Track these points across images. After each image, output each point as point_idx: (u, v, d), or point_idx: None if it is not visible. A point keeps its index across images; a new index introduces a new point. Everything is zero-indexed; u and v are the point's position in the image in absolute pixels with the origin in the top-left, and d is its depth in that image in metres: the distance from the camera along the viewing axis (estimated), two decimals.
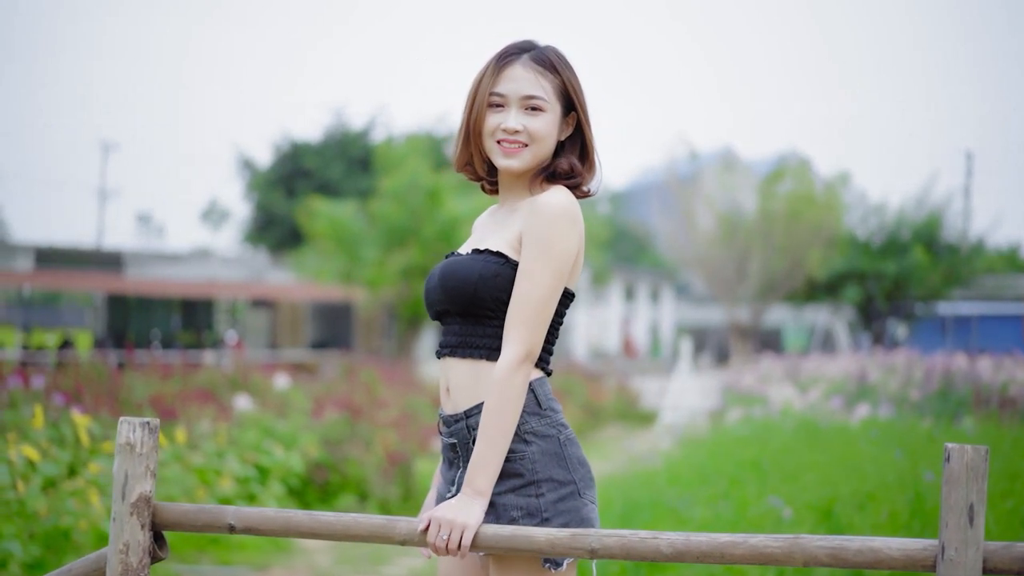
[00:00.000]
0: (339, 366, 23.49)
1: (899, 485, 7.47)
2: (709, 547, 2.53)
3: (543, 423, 2.94)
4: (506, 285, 2.95)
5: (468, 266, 2.99)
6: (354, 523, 2.77)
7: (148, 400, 10.74)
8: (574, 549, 2.66)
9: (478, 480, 2.81)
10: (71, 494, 6.98)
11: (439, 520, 2.77)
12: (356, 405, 12.67)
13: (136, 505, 2.79)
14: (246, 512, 2.81)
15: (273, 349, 36.82)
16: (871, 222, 37.10)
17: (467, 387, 2.98)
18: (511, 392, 2.84)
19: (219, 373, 15.02)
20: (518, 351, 2.86)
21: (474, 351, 2.98)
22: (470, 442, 2.97)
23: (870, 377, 18.79)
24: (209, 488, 8.59)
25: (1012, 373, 17.90)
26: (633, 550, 2.59)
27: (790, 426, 13.11)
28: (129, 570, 2.74)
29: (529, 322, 2.88)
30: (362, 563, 8.34)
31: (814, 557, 2.46)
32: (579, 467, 2.96)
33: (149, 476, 2.80)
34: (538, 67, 3.02)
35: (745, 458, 9.80)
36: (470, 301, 2.96)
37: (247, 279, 38.33)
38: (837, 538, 2.48)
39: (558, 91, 3.03)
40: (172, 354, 26.27)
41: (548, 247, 2.90)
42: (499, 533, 2.73)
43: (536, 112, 3.01)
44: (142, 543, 2.78)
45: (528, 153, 3.02)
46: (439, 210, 26.93)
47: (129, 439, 2.81)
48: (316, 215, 28.23)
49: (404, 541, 2.80)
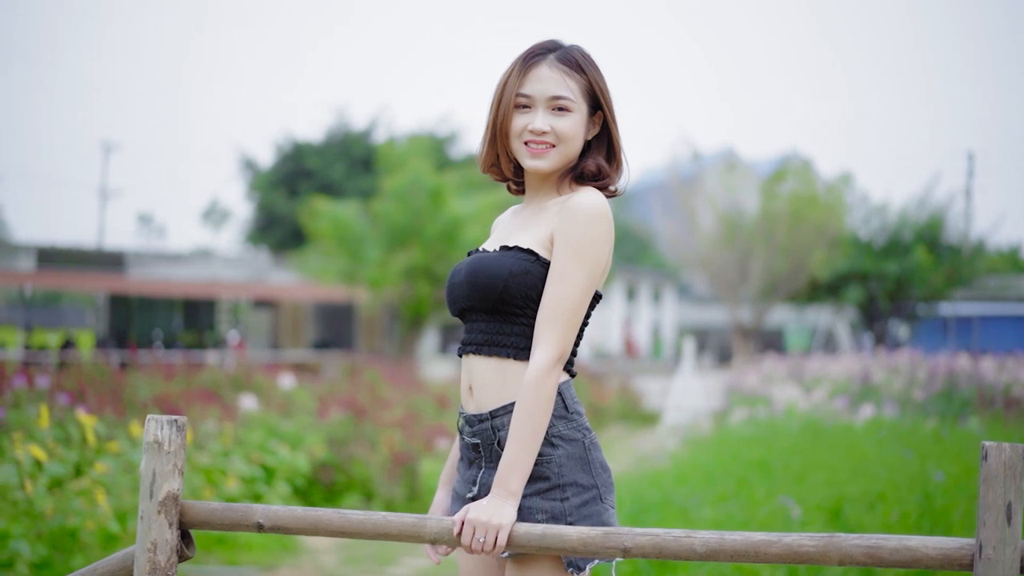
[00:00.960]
0: (341, 366, 23.48)
1: (908, 485, 7.45)
2: (744, 546, 2.51)
3: (569, 426, 2.93)
4: (535, 283, 2.93)
5: (498, 262, 2.96)
6: (384, 522, 2.74)
7: (152, 400, 10.73)
8: (607, 548, 2.64)
9: (511, 482, 2.78)
10: (78, 494, 6.96)
11: (472, 521, 2.75)
12: (360, 405, 12.66)
13: (164, 503, 2.76)
14: (275, 511, 2.78)
15: (275, 349, 36.82)
16: (873, 222, 37.08)
17: (493, 386, 2.96)
18: (545, 394, 2.81)
19: (222, 373, 15.01)
20: (552, 353, 2.84)
21: (501, 350, 2.95)
22: (495, 443, 2.95)
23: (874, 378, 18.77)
24: (215, 488, 8.56)
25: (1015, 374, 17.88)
26: (666, 549, 2.56)
27: (795, 426, 13.10)
28: (157, 569, 2.71)
29: (563, 324, 2.86)
30: (368, 563, 8.31)
31: (850, 556, 2.44)
32: (601, 472, 2.95)
33: (177, 474, 2.78)
34: (564, 67, 3.00)
35: (752, 458, 9.79)
36: (499, 298, 2.93)
37: (249, 279, 38.32)
38: (873, 537, 2.46)
39: (584, 91, 3.01)
40: (174, 354, 26.27)
41: (583, 249, 2.88)
42: (531, 532, 2.70)
43: (563, 112, 2.99)
44: (170, 542, 2.76)
45: (555, 154, 3.01)
46: (441, 210, 26.92)
47: (157, 437, 2.78)
48: (319, 215, 28.22)
49: (434, 540, 2.78)
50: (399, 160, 28.42)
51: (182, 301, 37.39)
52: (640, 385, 27.42)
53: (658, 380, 33.07)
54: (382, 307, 31.98)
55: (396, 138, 35.77)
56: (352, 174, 40.43)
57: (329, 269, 28.60)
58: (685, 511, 7.45)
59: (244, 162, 43.27)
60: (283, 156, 42.21)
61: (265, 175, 42.27)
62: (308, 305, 39.59)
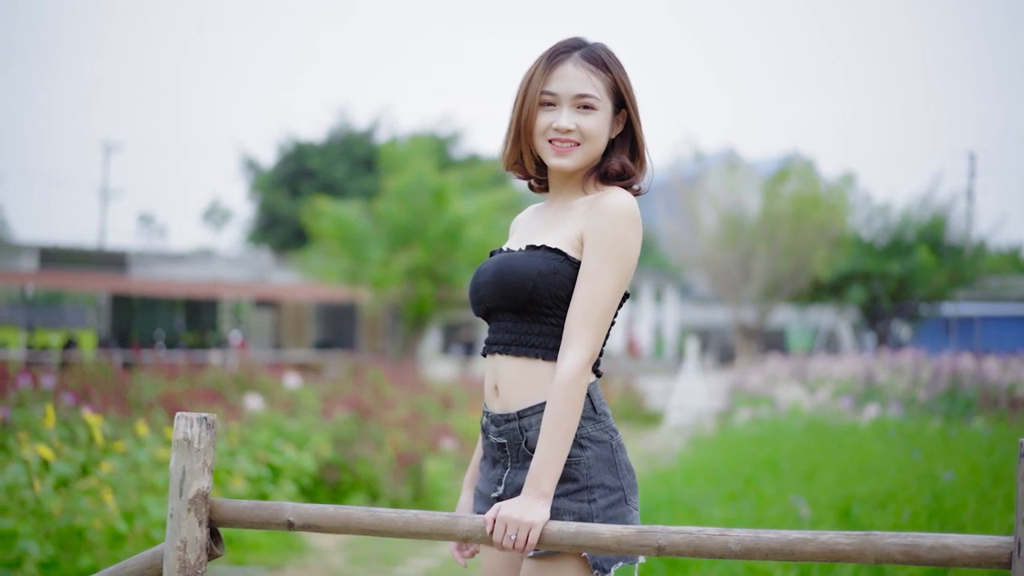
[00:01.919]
0: (344, 366, 23.47)
1: (917, 485, 7.44)
2: (779, 544, 2.49)
3: (598, 428, 2.92)
4: (564, 283, 2.91)
5: (526, 262, 2.94)
6: (415, 520, 2.73)
7: (157, 400, 10.72)
8: (641, 546, 2.62)
9: (543, 482, 2.77)
10: (85, 493, 6.95)
11: (504, 519, 2.73)
12: (365, 405, 12.64)
13: (194, 501, 2.74)
14: (305, 508, 2.76)
15: (277, 349, 36.82)
16: (876, 223, 37.07)
17: (520, 386, 2.94)
18: (578, 395, 2.80)
19: (225, 373, 15.00)
20: (585, 354, 2.83)
21: (529, 350, 2.93)
22: (522, 443, 2.94)
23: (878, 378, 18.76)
24: (221, 487, 8.55)
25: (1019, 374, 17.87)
26: (701, 547, 2.54)
27: (799, 426, 13.08)
28: (187, 567, 2.70)
29: (594, 324, 2.85)
30: (375, 563, 8.30)
31: (887, 554, 2.42)
32: (627, 473, 2.95)
33: (207, 472, 2.75)
34: (590, 65, 2.99)
35: (759, 458, 9.77)
36: (528, 298, 2.91)
37: (251, 279, 38.32)
38: (910, 535, 2.43)
39: (609, 89, 3.00)
40: (176, 354, 26.26)
41: (615, 250, 2.87)
42: (564, 531, 2.69)
43: (588, 111, 2.98)
44: (200, 540, 2.74)
45: (580, 152, 3.00)
46: (444, 210, 26.92)
47: (187, 434, 2.75)
48: (321, 215, 28.21)
49: (466, 538, 2.76)
50: (401, 160, 28.41)
51: (184, 301, 37.39)
52: (643, 385, 27.41)
53: (660, 380, 33.08)
54: (384, 307, 31.98)
55: (398, 138, 35.77)
56: (354, 174, 40.44)
57: (332, 269, 28.59)
58: (694, 510, 7.43)
59: (246, 162, 43.29)
60: (285, 156, 42.23)
61: (267, 175, 42.29)
62: (310, 305, 39.59)
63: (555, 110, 3.00)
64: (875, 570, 5.54)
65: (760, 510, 6.92)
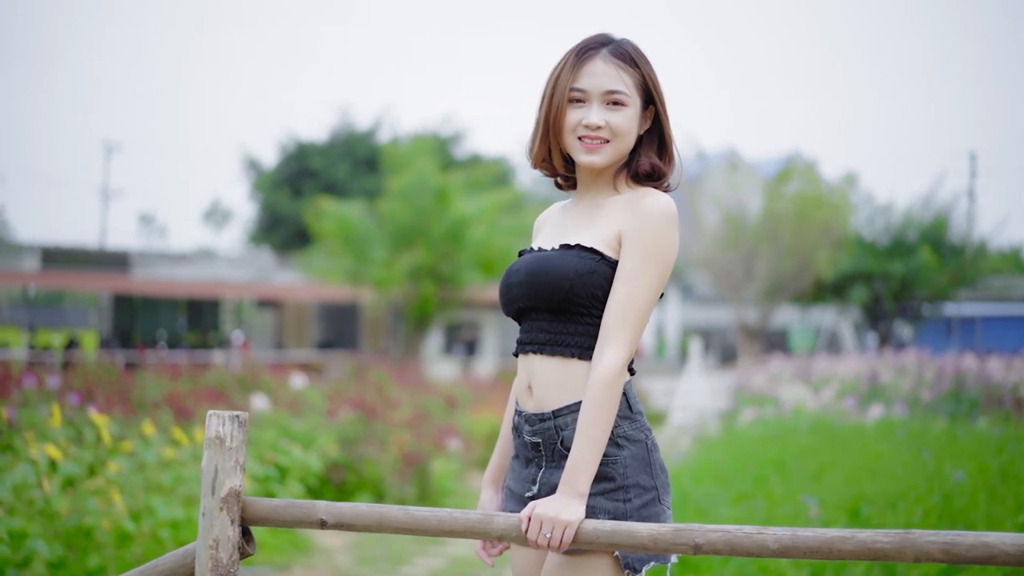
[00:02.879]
0: (346, 366, 23.45)
1: (926, 485, 7.42)
2: (817, 542, 2.47)
3: (634, 427, 2.92)
4: (601, 282, 2.91)
5: (562, 261, 2.93)
6: (450, 518, 2.71)
7: (162, 400, 10.70)
8: (678, 544, 2.61)
9: (579, 482, 2.76)
10: (93, 493, 6.93)
11: (540, 516, 2.72)
12: (370, 405, 12.63)
13: (226, 500, 2.73)
14: (338, 507, 2.75)
15: (279, 349, 36.79)
16: (878, 223, 37.08)
17: (555, 386, 2.94)
18: (615, 395, 2.80)
19: (228, 373, 14.97)
20: (623, 354, 2.82)
21: (565, 349, 2.93)
22: (557, 442, 2.93)
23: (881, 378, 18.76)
24: None
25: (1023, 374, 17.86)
26: (739, 545, 2.53)
27: (805, 427, 13.06)
28: (219, 566, 2.68)
29: (632, 324, 2.85)
30: (382, 563, 8.29)
31: (926, 553, 2.41)
32: (660, 473, 2.95)
33: (239, 470, 2.74)
34: (619, 61, 2.98)
35: (766, 458, 9.76)
36: (564, 298, 2.91)
37: (253, 279, 38.31)
38: (950, 533, 2.42)
39: (638, 85, 2.99)
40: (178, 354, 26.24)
41: (655, 251, 2.88)
42: (600, 529, 2.68)
43: (618, 107, 2.97)
44: (232, 539, 2.72)
45: (610, 149, 2.99)
46: (447, 210, 26.91)
47: (219, 432, 2.74)
48: (324, 215, 28.20)
49: (501, 536, 2.75)
50: (404, 160, 28.41)
51: (186, 301, 37.38)
52: (645, 385, 27.40)
53: (663, 380, 33.06)
54: (386, 307, 31.97)
55: (400, 138, 35.76)
56: (356, 174, 40.44)
57: (334, 269, 28.58)
58: (703, 510, 7.42)
59: (247, 162, 43.29)
60: (287, 156, 42.22)
61: (269, 175, 42.28)
62: (312, 305, 39.58)
63: (584, 107, 2.99)
64: (886, 570, 5.52)
65: (770, 510, 6.91)
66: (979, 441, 9.71)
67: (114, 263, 36.48)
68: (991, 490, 7.14)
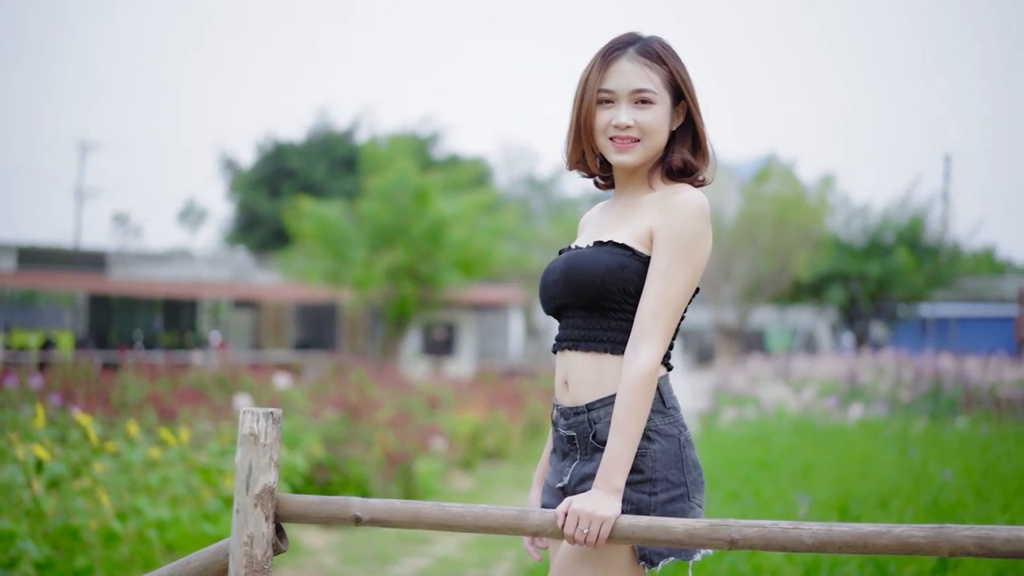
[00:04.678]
0: (325, 367, 23.39)
1: (913, 484, 7.47)
2: (852, 537, 2.48)
3: (666, 421, 2.94)
4: (632, 277, 2.93)
5: (594, 258, 2.97)
6: (485, 514, 2.71)
7: (143, 400, 10.65)
8: (714, 540, 2.61)
9: (615, 478, 2.78)
10: (79, 494, 6.90)
11: (577, 512, 2.73)
12: (353, 405, 12.60)
13: (260, 497, 2.72)
14: (373, 504, 2.74)
15: (256, 350, 36.69)
16: (855, 224, 37.28)
17: (589, 381, 2.97)
18: (649, 392, 2.82)
19: (207, 374, 14.91)
20: (658, 351, 2.86)
21: (598, 344, 2.96)
22: (591, 435, 2.96)
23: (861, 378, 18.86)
24: (214, 488, 8.50)
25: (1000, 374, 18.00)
26: (774, 540, 2.53)
27: (787, 426, 13.12)
28: (254, 562, 2.68)
29: (666, 321, 2.88)
30: (369, 563, 8.28)
31: (961, 547, 2.42)
32: (692, 470, 2.96)
33: (273, 467, 2.74)
34: (645, 59, 2.99)
35: (751, 458, 9.79)
36: (597, 293, 2.94)
37: (231, 279, 38.19)
38: (983, 528, 2.43)
39: (666, 82, 3.01)
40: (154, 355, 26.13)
41: (687, 248, 2.90)
42: (636, 524, 2.68)
43: (646, 105, 2.99)
44: (266, 535, 2.72)
45: (641, 147, 3.01)
46: (426, 210, 26.91)
47: (253, 429, 2.74)
48: (303, 215, 28.15)
49: (536, 532, 2.75)
50: (383, 160, 28.41)
51: (163, 301, 37.23)
52: None
53: None
54: (365, 308, 31.94)
55: (378, 138, 35.71)
56: (334, 174, 40.38)
57: (313, 269, 28.54)
58: None
59: (225, 162, 43.15)
60: (264, 156, 42.12)
61: (246, 175, 42.17)
62: (290, 305, 39.49)
63: (614, 107, 3.01)
64: (878, 568, 5.55)
65: (760, 510, 6.93)
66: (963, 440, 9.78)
67: (91, 263, 36.32)
68: (977, 488, 7.20)
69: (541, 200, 48.55)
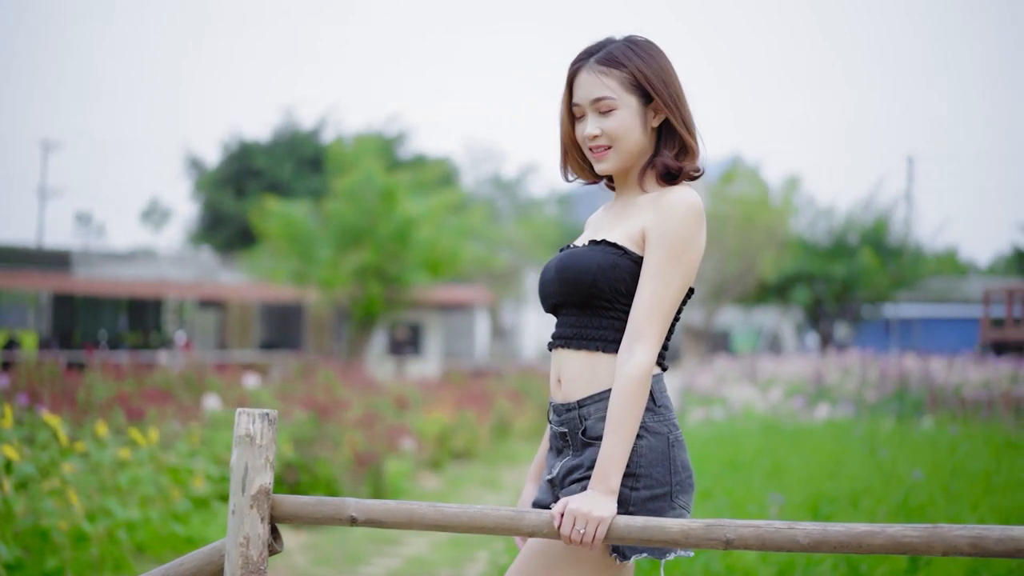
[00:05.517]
0: (291, 367, 23.30)
1: (883, 483, 7.51)
2: (847, 537, 2.49)
3: (656, 420, 2.96)
4: (624, 276, 2.97)
5: (586, 256, 3.01)
6: (480, 515, 2.71)
7: (111, 400, 10.57)
8: (708, 540, 2.62)
9: (610, 478, 2.81)
10: (49, 494, 6.85)
11: (573, 512, 2.75)
12: (321, 405, 12.55)
13: (256, 498, 2.73)
14: (367, 504, 2.75)
15: (222, 350, 36.51)
16: (820, 225, 37.50)
17: (581, 378, 3.00)
18: (643, 392, 2.85)
19: (173, 374, 14.81)
20: (650, 352, 2.88)
21: (590, 343, 3.00)
22: (581, 431, 2.99)
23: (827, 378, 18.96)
24: (183, 488, 8.46)
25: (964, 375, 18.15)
26: (769, 541, 2.54)
27: (754, 427, 13.17)
28: (250, 563, 2.68)
29: (660, 320, 2.91)
30: (340, 563, 8.26)
31: (954, 546, 2.44)
32: (680, 471, 2.97)
33: (268, 468, 2.75)
34: (602, 67, 3.04)
35: (722, 458, 9.82)
36: (588, 291, 2.98)
37: (196, 279, 38.01)
38: (976, 527, 2.45)
39: (627, 84, 3.03)
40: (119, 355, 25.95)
41: (679, 247, 2.93)
42: (631, 524, 2.69)
43: (609, 112, 3.04)
44: (262, 536, 2.73)
45: (614, 154, 3.06)
46: (393, 210, 26.86)
47: (248, 430, 2.74)
48: (269, 215, 28.03)
49: (532, 533, 2.76)
50: (349, 160, 28.35)
51: (127, 301, 37.00)
52: None
53: None
54: (331, 308, 31.85)
55: (344, 138, 35.62)
56: (300, 174, 40.24)
57: (279, 269, 28.42)
58: None
59: (190, 161, 42.94)
60: (230, 155, 41.93)
61: (211, 174, 41.97)
62: (255, 305, 39.33)
63: (584, 120, 3.09)
64: (851, 568, 5.58)
65: (735, 509, 6.96)
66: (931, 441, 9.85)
67: (55, 262, 36.07)
68: (946, 488, 7.26)
69: (507, 200, 48.55)
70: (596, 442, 2.94)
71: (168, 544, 8.04)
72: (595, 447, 2.94)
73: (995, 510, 6.48)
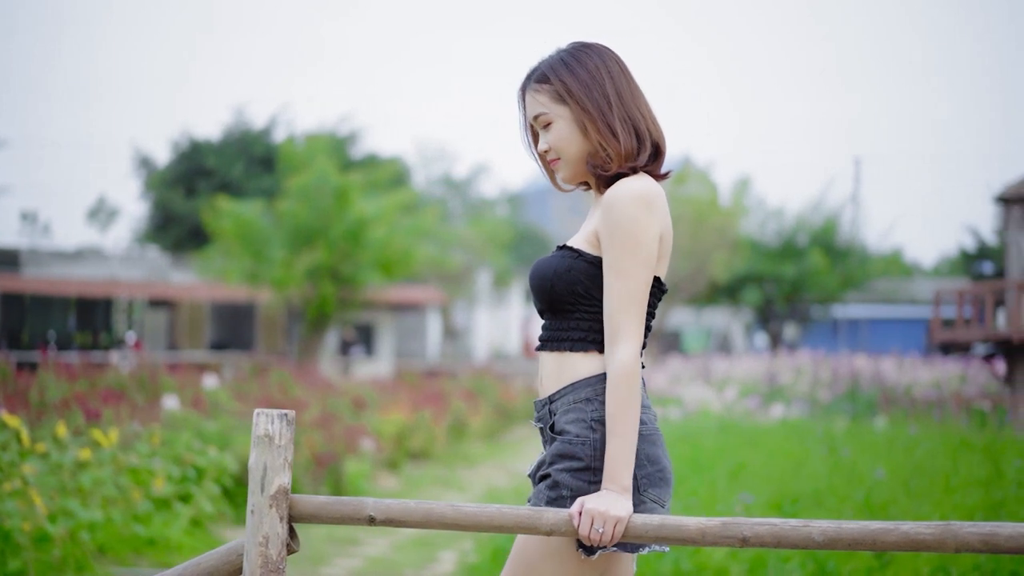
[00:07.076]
0: (243, 367, 23.18)
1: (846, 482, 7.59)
2: (861, 534, 2.53)
3: None
4: (579, 278, 3.03)
5: (546, 263, 3.12)
6: (499, 514, 2.74)
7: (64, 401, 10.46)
8: (725, 538, 2.64)
9: (622, 477, 2.85)
10: (10, 495, 6.79)
11: (591, 511, 2.79)
12: (278, 405, 12.50)
13: (275, 497, 2.75)
14: (386, 504, 2.77)
15: (172, 350, 36.23)
16: (770, 226, 37.78)
17: (553, 376, 3.09)
18: (634, 387, 2.89)
19: (125, 374, 14.68)
20: (632, 347, 2.93)
21: (560, 344, 3.07)
22: (549, 426, 3.08)
23: (780, 378, 19.11)
24: (144, 488, 8.41)
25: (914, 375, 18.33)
26: (785, 538, 2.58)
27: (711, 426, 13.25)
28: (269, 563, 2.70)
29: (633, 315, 2.95)
30: (302, 563, 8.24)
31: (966, 543, 2.47)
32: (647, 465, 2.99)
33: (287, 468, 2.77)
34: (535, 85, 3.16)
35: (682, 457, 9.88)
36: (549, 296, 3.08)
37: (146, 279, 37.69)
38: (988, 524, 2.48)
39: (555, 96, 3.12)
40: (69, 355, 25.69)
41: (630, 240, 2.96)
42: (648, 523, 2.72)
43: (548, 127, 3.15)
44: (281, 535, 2.75)
45: (563, 164, 3.16)
46: (347, 210, 26.76)
47: (268, 431, 2.77)
48: (221, 214, 27.84)
49: (551, 532, 2.78)
50: (301, 159, 28.23)
51: (76, 300, 36.62)
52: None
53: None
54: (283, 308, 31.70)
55: (296, 137, 35.43)
56: (252, 173, 39.97)
57: (231, 269, 28.23)
58: None
59: (139, 160, 42.54)
60: (180, 154, 41.59)
61: (161, 173, 41.60)
62: (206, 305, 39.06)
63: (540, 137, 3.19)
64: (818, 566, 5.64)
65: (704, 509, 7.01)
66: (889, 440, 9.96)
67: (3, 261, 35.66)
68: (906, 486, 7.35)
69: (458, 200, 48.49)
70: (560, 436, 2.99)
71: (130, 545, 7.99)
72: (559, 442, 2.98)
73: (958, 508, 6.56)
